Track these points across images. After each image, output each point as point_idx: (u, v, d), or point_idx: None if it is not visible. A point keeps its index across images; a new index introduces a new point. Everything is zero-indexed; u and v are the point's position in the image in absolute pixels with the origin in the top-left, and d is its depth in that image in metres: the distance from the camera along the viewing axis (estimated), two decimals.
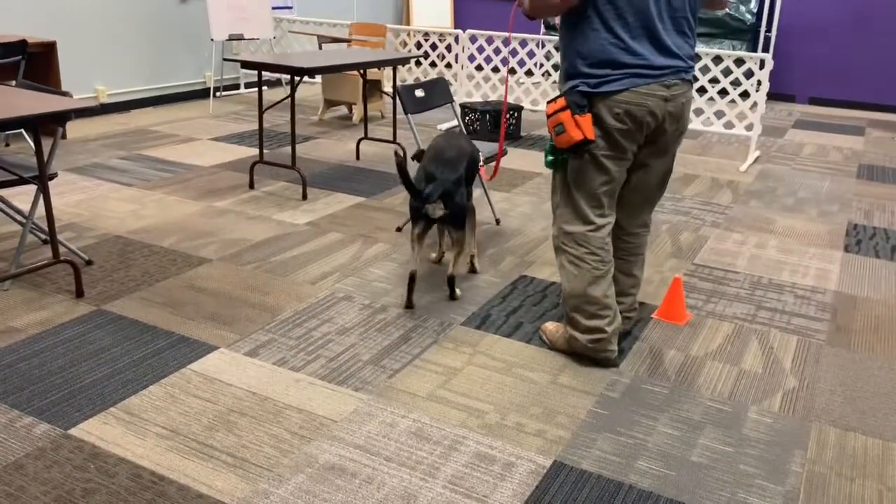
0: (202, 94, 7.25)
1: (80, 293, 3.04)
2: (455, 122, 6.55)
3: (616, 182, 2.52)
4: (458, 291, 3.14)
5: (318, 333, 2.83)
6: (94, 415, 2.27)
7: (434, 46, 9.37)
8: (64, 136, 5.57)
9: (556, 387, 2.53)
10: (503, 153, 3.11)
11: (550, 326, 2.84)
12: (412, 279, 3.02)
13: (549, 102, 2.43)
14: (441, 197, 2.88)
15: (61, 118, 2.81)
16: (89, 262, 3.36)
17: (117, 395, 2.38)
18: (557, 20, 2.53)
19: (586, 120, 2.34)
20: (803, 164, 5.77)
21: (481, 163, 3.43)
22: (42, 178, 2.93)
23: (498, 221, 4.13)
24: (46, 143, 5.01)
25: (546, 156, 2.53)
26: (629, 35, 2.31)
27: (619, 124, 2.38)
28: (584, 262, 2.56)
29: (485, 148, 3.91)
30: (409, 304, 3.05)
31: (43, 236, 3.58)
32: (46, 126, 2.79)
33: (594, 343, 2.62)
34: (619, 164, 2.48)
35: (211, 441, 2.18)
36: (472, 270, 3.42)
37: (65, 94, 3.13)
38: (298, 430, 2.24)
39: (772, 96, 8.62)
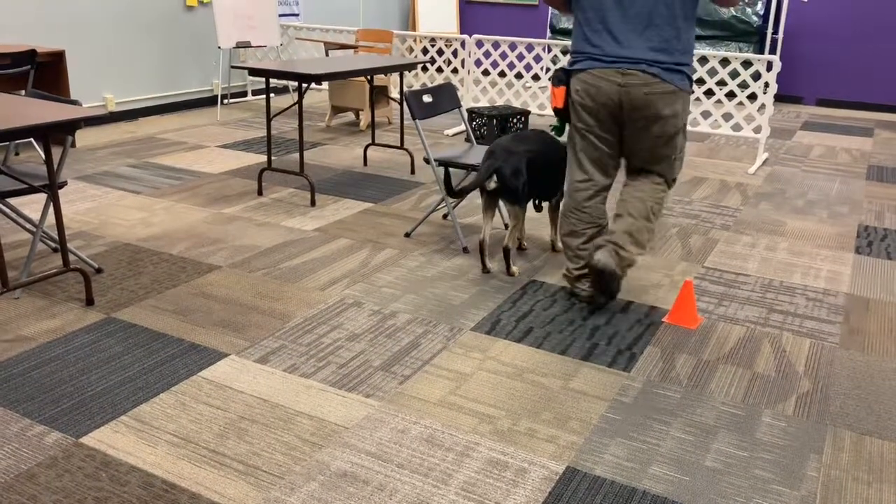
0: (210, 101, 7.27)
1: (90, 301, 3.04)
2: (463, 127, 6.55)
3: (594, 152, 3.06)
4: (514, 268, 3.44)
5: (328, 340, 2.82)
6: (106, 423, 2.27)
7: (440, 52, 9.39)
8: (73, 145, 5.60)
9: (567, 392, 2.52)
10: None
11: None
12: (481, 246, 3.45)
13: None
14: (494, 172, 3.24)
15: (71, 127, 2.82)
16: (99, 270, 3.37)
17: (128, 403, 2.38)
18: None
19: (560, 91, 3.04)
20: (812, 165, 5.74)
21: None
22: (52, 187, 2.94)
23: (507, 226, 4.11)
24: (55, 152, 5.04)
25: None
26: (591, 30, 2.94)
27: (579, 98, 3.00)
28: (566, 216, 3.17)
29: None
30: (485, 269, 3.47)
31: (53, 245, 3.59)
32: (56, 135, 2.80)
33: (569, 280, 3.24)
34: (589, 136, 3.04)
35: (222, 449, 2.17)
36: (555, 249, 3.80)
37: (74, 102, 3.14)
38: (310, 438, 2.23)
39: (779, 98, 8.59)
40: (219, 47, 6.59)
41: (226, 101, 7.44)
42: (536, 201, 3.68)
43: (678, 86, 2.90)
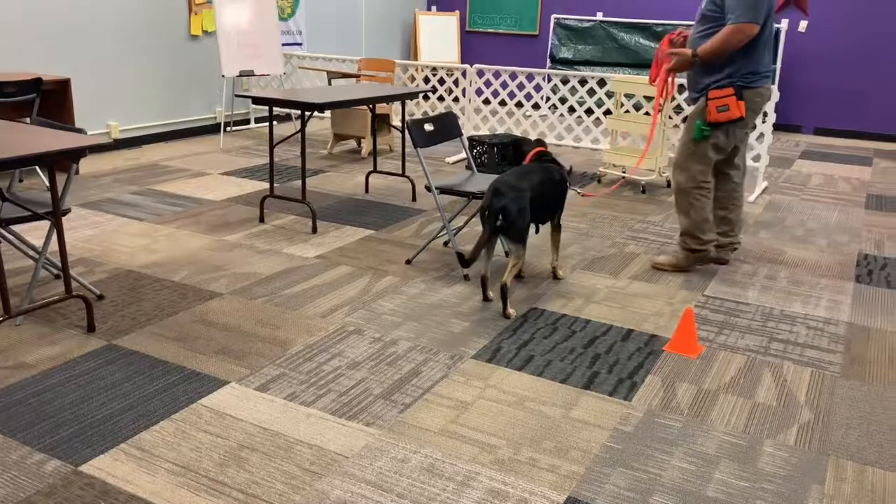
0: (213, 129, 7.33)
1: (91, 328, 3.05)
2: (463, 155, 6.59)
3: (730, 145, 3.84)
4: (510, 310, 3.33)
5: (328, 368, 2.82)
6: (106, 451, 2.27)
7: (442, 81, 9.46)
8: (77, 172, 5.63)
9: (568, 421, 2.51)
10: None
11: (661, 258, 3.99)
12: (482, 280, 3.49)
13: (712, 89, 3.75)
14: (500, 211, 3.24)
15: (76, 155, 2.85)
16: (101, 297, 3.38)
17: (128, 431, 2.37)
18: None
19: (742, 104, 3.66)
20: (811, 194, 5.77)
21: (578, 189, 3.84)
22: (56, 214, 2.96)
23: (507, 254, 4.13)
24: (60, 179, 5.06)
25: (698, 129, 3.75)
26: (762, 54, 3.71)
27: (755, 107, 3.74)
28: (707, 199, 3.86)
29: None
30: (486, 298, 3.49)
31: (55, 271, 3.60)
32: (60, 162, 2.82)
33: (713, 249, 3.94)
34: (744, 134, 3.86)
35: (222, 477, 2.17)
36: (556, 277, 3.82)
37: (79, 130, 3.17)
38: (309, 466, 2.23)
39: (778, 127, 8.65)
40: (222, 76, 6.65)
41: (229, 128, 7.50)
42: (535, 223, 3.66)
43: None
